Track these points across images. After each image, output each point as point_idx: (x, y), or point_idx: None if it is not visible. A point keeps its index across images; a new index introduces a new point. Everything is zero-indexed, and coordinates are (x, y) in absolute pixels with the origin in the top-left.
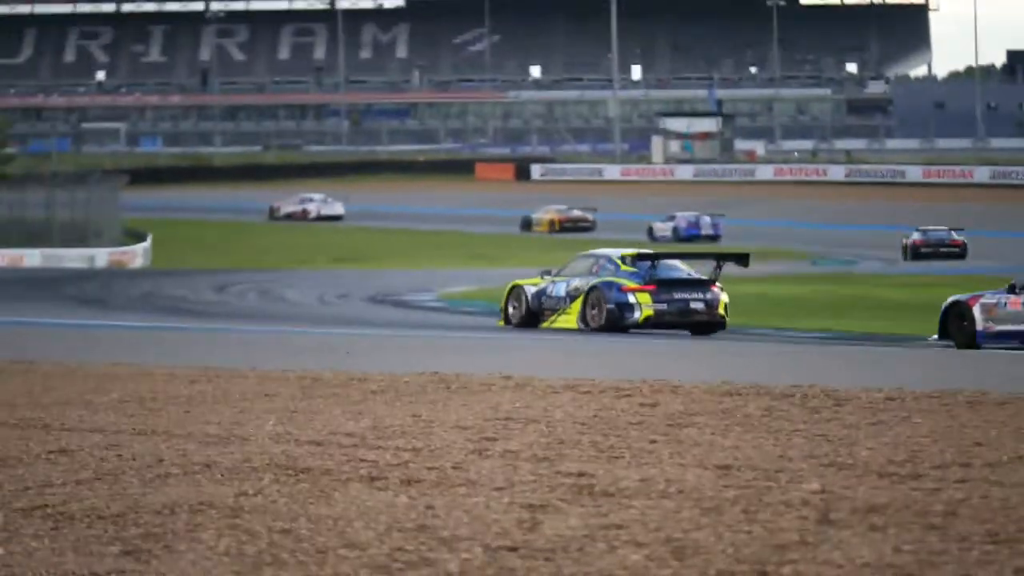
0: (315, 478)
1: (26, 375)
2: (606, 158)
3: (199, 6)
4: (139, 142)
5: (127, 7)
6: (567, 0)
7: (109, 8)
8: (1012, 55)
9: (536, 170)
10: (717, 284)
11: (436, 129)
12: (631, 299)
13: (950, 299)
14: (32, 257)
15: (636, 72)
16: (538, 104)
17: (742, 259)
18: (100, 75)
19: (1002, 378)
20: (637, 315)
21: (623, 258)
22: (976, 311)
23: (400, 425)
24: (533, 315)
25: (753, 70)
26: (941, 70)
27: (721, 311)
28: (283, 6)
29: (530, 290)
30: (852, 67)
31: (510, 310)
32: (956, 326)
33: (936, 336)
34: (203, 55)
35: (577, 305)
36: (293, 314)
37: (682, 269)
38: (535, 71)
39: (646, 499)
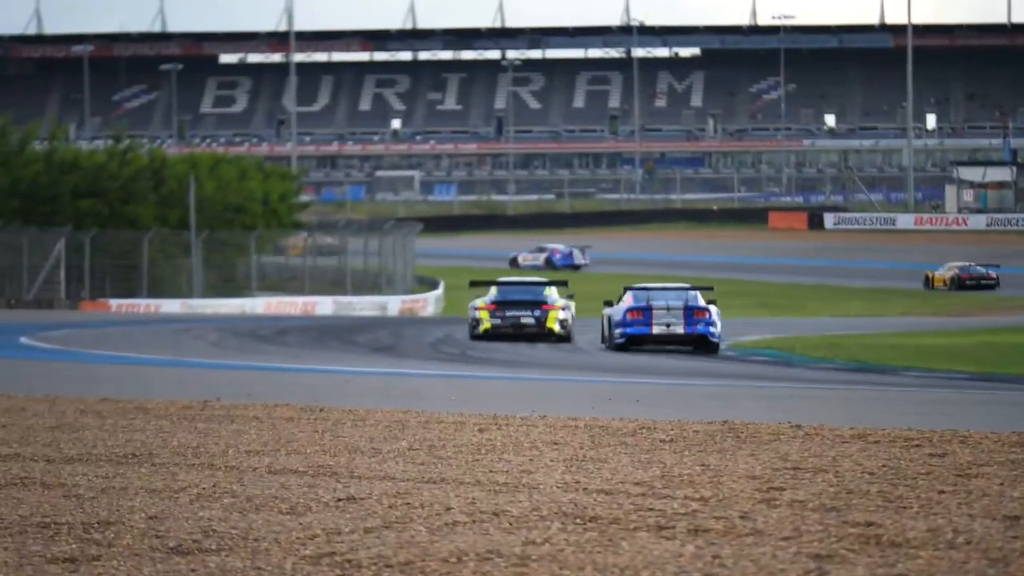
0: (602, 527)
1: (316, 422)
2: (899, 207)
3: (495, 54)
4: (433, 190)
5: (423, 55)
6: (862, 49)
7: (406, 56)
8: None
9: (829, 219)
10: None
11: (730, 177)
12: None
13: None
14: (324, 304)
15: (931, 121)
16: (832, 153)
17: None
18: (395, 123)
19: None
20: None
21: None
22: None
23: (689, 474)
24: None
25: None
26: None
27: (551, 325)
28: (579, 54)
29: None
30: None
31: None
32: None
33: None
34: (498, 103)
35: None
36: (584, 363)
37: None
38: (830, 120)
39: (933, 550)
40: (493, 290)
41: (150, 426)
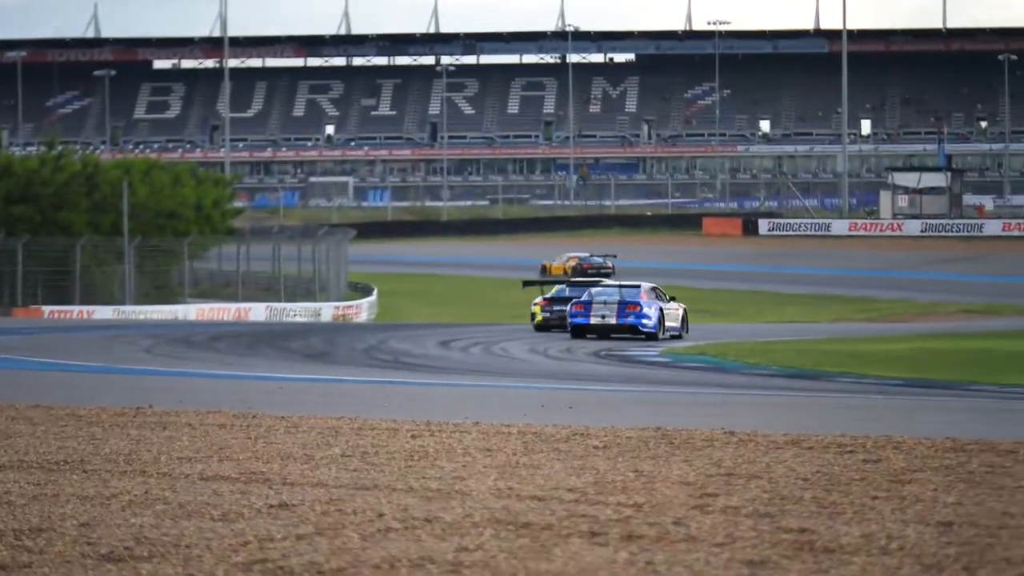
0: (535, 533)
1: (249, 429)
2: (833, 213)
3: (429, 60)
4: (367, 196)
5: (357, 61)
6: (797, 54)
7: (340, 62)
8: None
9: (763, 225)
10: None
11: (664, 183)
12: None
13: None
14: (258, 311)
15: (866, 126)
16: (766, 159)
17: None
18: (329, 129)
19: None
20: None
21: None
22: None
23: (622, 481)
24: None
25: (983, 124)
26: None
27: None
28: (513, 60)
29: None
30: None
31: None
32: None
33: None
34: (432, 109)
35: None
36: (517, 369)
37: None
38: (764, 125)
39: (867, 556)
40: (553, 289)
41: (82, 433)
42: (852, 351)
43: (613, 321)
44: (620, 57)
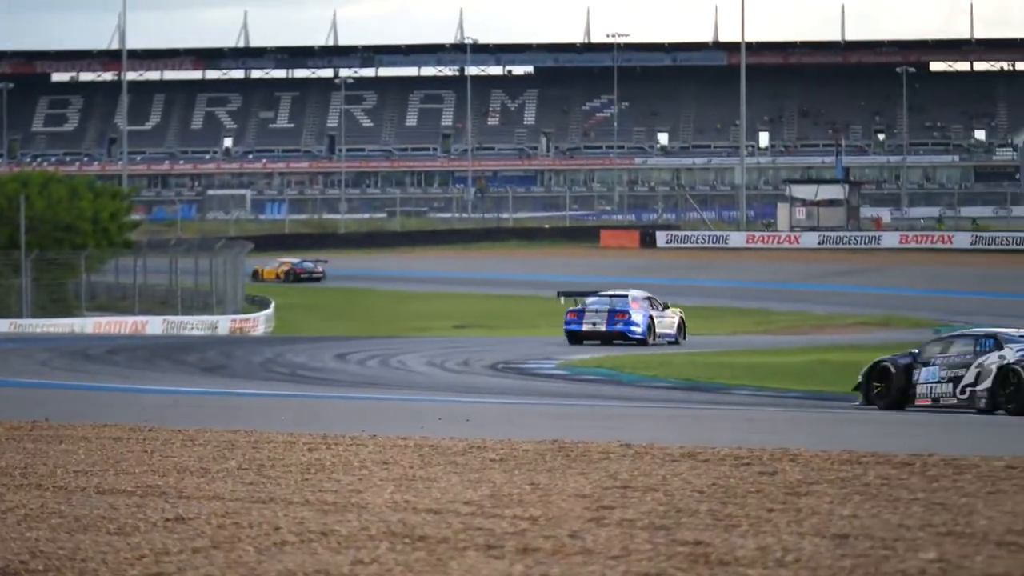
0: (431, 547)
1: (145, 442)
2: (731, 225)
3: (328, 72)
4: (264, 209)
5: (256, 73)
6: (695, 66)
7: (238, 74)
8: None
9: (661, 237)
10: None
11: (562, 196)
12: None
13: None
14: (154, 324)
15: (764, 139)
16: (664, 171)
17: None
18: (227, 141)
19: None
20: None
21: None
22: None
23: (518, 493)
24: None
25: (881, 137)
26: None
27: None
28: (412, 72)
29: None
30: (980, 134)
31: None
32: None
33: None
34: (331, 121)
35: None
36: (414, 382)
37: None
38: (662, 138)
39: (762, 568)
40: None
41: None
42: (749, 363)
43: (603, 328)
44: (519, 69)
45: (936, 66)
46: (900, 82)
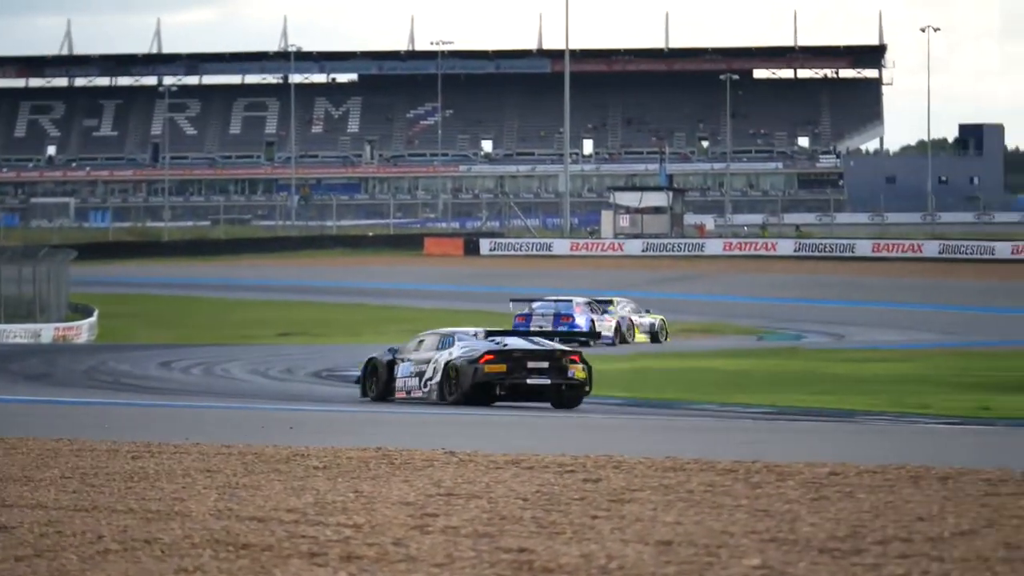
0: (255, 555)
1: None
2: (555, 232)
3: (151, 80)
4: (88, 217)
5: (79, 81)
6: (519, 74)
7: (61, 82)
8: (964, 129)
9: (485, 245)
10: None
11: (386, 203)
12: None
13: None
14: None
15: (588, 146)
16: (488, 178)
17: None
18: (51, 149)
19: (944, 453)
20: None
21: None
22: None
23: (342, 501)
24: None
25: (705, 144)
26: (893, 144)
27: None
28: (235, 80)
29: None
30: (804, 141)
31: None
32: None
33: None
34: (155, 129)
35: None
36: (238, 390)
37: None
38: (487, 145)
39: (586, 575)
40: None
41: None
42: None
43: (549, 329)
44: (343, 77)
45: (760, 73)
46: (724, 89)
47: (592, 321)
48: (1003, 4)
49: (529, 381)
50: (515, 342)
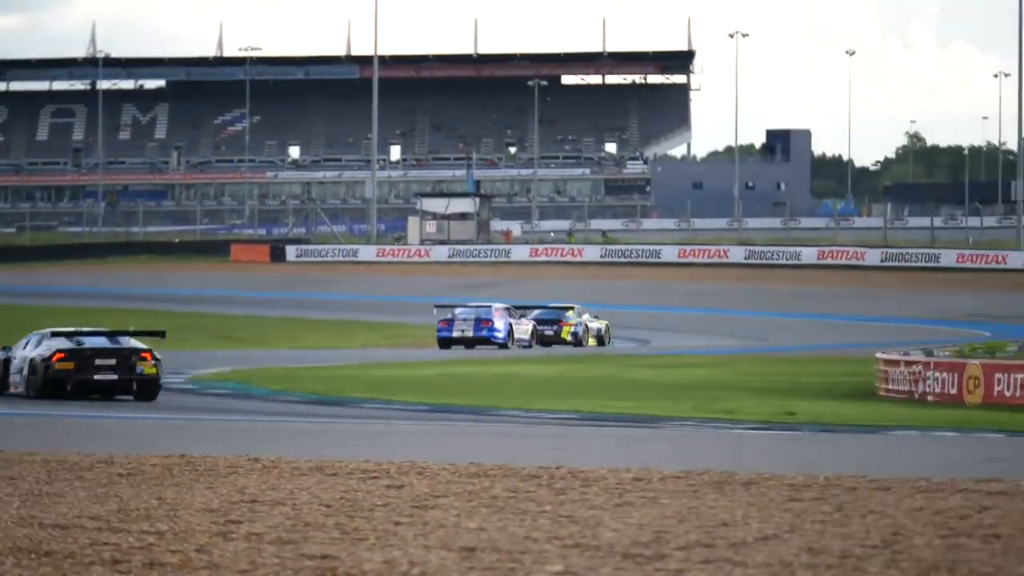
0: (57, 562)
1: None
2: (362, 239)
3: None
4: None
5: None
6: (328, 80)
7: None
8: (771, 134)
9: (291, 251)
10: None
11: (193, 210)
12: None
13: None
14: None
15: (395, 152)
16: (295, 185)
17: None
18: None
19: (748, 458)
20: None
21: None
22: None
23: (146, 508)
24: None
25: (512, 150)
26: (701, 150)
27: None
28: (43, 87)
29: None
30: (612, 147)
31: None
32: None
33: None
34: None
35: None
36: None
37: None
38: (294, 151)
39: None
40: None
41: None
42: (378, 377)
43: (470, 334)
44: (151, 83)
45: (568, 79)
46: (532, 95)
47: (511, 325)
48: (811, 11)
49: (97, 377)
50: (92, 341)
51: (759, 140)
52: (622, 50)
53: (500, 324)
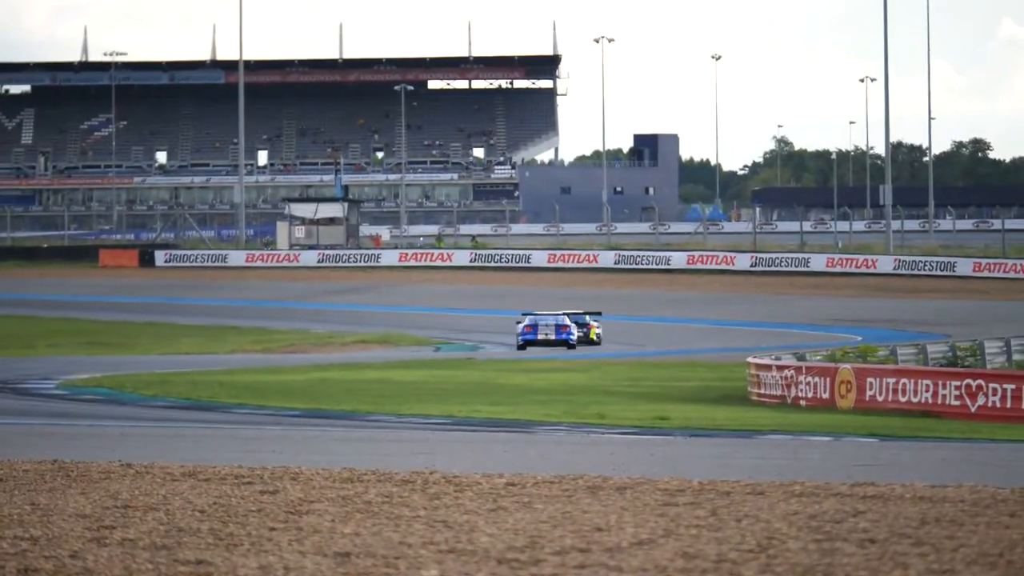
0: None
1: None
2: (230, 244)
3: None
4: None
5: None
6: (194, 85)
7: None
8: (639, 139)
9: (160, 256)
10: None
11: (60, 215)
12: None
13: None
14: None
15: (263, 157)
16: (163, 190)
17: None
18: None
19: (622, 463)
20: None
21: None
22: None
23: (18, 514)
24: None
25: (380, 155)
26: (569, 155)
27: None
28: None
29: None
30: (479, 152)
31: None
32: None
33: None
34: None
35: None
36: None
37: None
38: (161, 157)
39: None
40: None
41: None
42: (249, 382)
43: (552, 337)
44: (16, 89)
45: (435, 84)
46: (398, 100)
47: (575, 330)
48: (677, 16)
49: None
50: None
51: (627, 145)
52: (488, 54)
53: (573, 329)
